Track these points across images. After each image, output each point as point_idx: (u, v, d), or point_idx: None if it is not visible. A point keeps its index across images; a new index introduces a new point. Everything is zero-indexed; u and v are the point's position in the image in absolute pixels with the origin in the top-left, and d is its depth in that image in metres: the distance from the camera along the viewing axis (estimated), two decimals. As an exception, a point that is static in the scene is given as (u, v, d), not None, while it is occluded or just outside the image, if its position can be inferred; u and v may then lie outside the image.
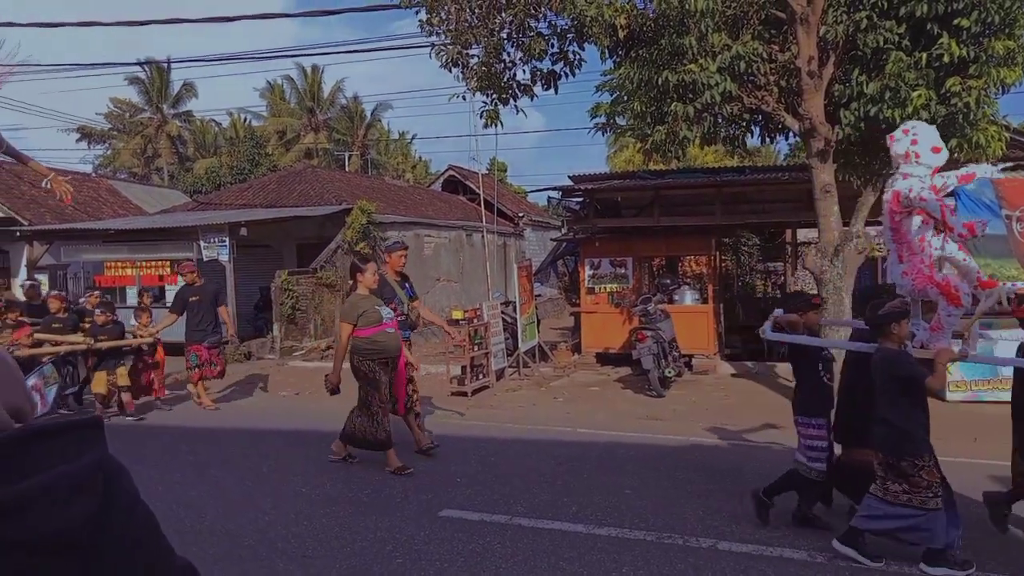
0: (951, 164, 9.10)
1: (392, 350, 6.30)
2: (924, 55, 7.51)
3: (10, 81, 7.37)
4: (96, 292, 11.38)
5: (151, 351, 9.25)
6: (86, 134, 39.54)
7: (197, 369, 9.44)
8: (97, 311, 9.12)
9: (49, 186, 7.73)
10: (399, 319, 6.68)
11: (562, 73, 9.61)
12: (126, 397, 8.88)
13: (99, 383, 8.78)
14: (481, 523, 5.00)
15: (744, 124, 9.60)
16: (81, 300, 11.16)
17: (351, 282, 6.41)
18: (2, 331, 8.56)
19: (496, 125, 9.93)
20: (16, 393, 0.96)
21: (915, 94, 7.40)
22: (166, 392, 9.73)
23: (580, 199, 13.84)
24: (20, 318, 8.88)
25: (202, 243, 13.94)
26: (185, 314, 9.46)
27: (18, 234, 16.38)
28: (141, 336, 9.11)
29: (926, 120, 7.53)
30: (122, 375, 8.87)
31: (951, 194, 8.77)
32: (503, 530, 4.85)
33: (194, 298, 9.44)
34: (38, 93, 59.75)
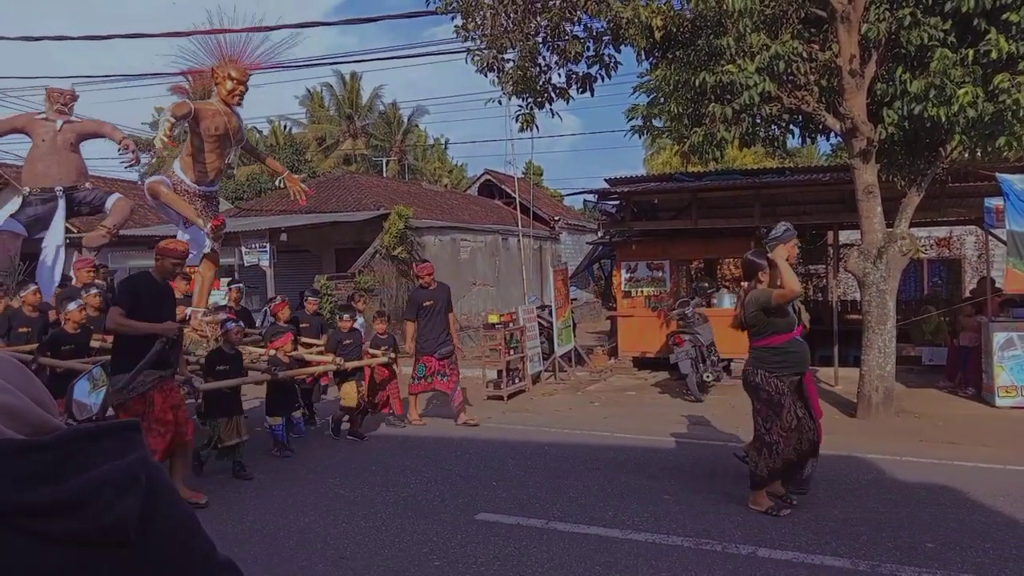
0: (1000, 162, 8.88)
1: (803, 364, 5.23)
2: (970, 51, 7.32)
3: (263, 71, 7.23)
4: (313, 296, 9.87)
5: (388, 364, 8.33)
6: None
7: (421, 381, 8.55)
8: (343, 316, 8.26)
9: (283, 184, 7.71)
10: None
11: (598, 76, 9.58)
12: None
13: (350, 395, 7.86)
14: (517, 527, 5.00)
15: (784, 125, 9.45)
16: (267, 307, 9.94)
17: (750, 282, 5.39)
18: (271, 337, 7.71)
19: (532, 129, 9.95)
20: (44, 396, 0.99)
21: (961, 91, 7.21)
22: (401, 408, 8.69)
23: (616, 202, 13.78)
24: (283, 324, 8.18)
25: (243, 249, 14.22)
26: (418, 321, 8.55)
27: (68, 241, 16.89)
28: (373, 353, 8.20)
29: (973, 118, 7.36)
30: (364, 387, 8.03)
31: (1000, 194, 8.55)
32: (539, 534, 4.85)
33: (428, 303, 8.53)
34: (90, 104, 61.60)
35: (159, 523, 0.91)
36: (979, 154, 8.35)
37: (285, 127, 41.08)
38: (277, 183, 7.52)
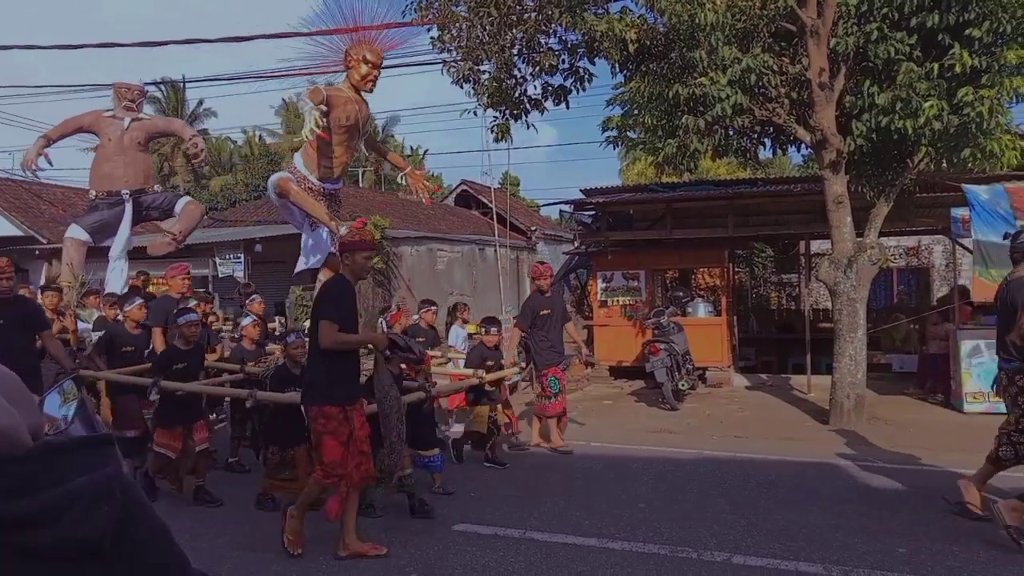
0: (965, 173, 9.09)
1: None
2: (936, 66, 7.50)
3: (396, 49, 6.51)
4: (399, 306, 8.93)
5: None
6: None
7: (559, 397, 7.41)
8: (490, 330, 7.08)
9: (406, 182, 6.95)
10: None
11: (573, 88, 9.67)
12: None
13: (481, 419, 6.89)
14: (495, 537, 4.99)
15: (755, 136, 9.60)
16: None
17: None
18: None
19: (507, 140, 10.00)
20: (34, 411, 0.99)
21: (927, 104, 7.39)
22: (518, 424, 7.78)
23: (592, 212, 13.86)
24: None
25: (217, 260, 14.10)
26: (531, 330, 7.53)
27: (37, 252, 16.61)
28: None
29: (938, 130, 7.53)
30: (499, 410, 7.11)
31: (966, 204, 8.74)
32: (517, 544, 4.85)
33: (545, 311, 7.47)
34: (59, 113, 60.71)
35: (134, 535, 0.91)
36: (945, 165, 8.56)
37: (260, 137, 40.77)
38: (400, 181, 6.99)
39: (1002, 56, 7.43)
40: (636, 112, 9.05)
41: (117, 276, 7.36)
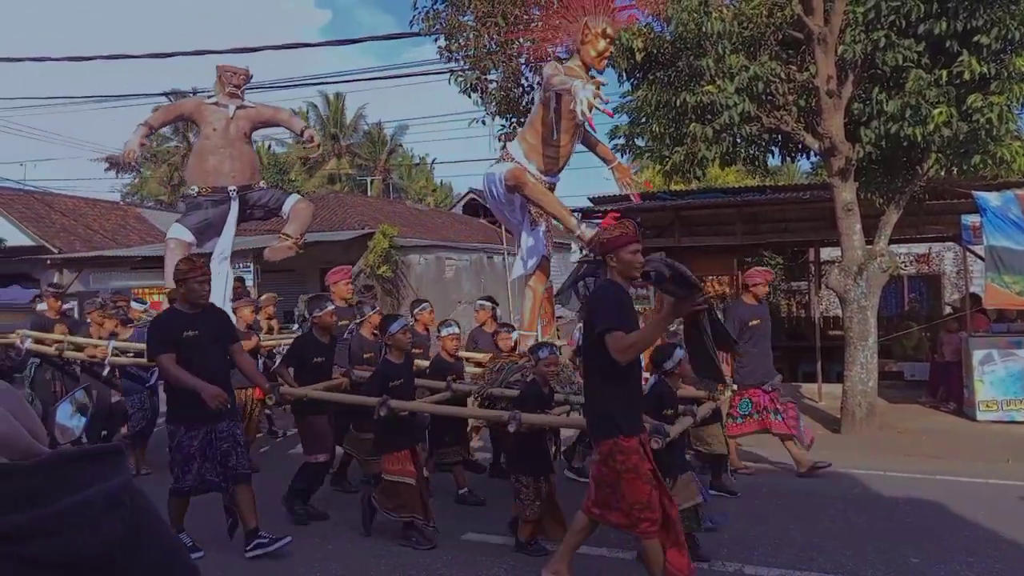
0: (975, 180, 9.04)
1: None
2: (944, 72, 7.48)
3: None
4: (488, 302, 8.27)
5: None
6: (114, 163, 40.37)
7: (746, 420, 6.62)
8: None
9: (614, 176, 6.21)
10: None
11: (580, 96, 9.67)
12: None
13: (720, 439, 6.11)
14: (504, 546, 4.97)
15: (764, 144, 9.58)
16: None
17: None
18: None
19: (516, 149, 10.01)
20: (35, 423, 0.99)
21: (936, 111, 7.36)
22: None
23: (600, 220, 13.83)
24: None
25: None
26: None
27: (48, 262, 16.73)
28: None
29: (948, 137, 7.50)
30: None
31: (977, 211, 8.68)
32: (527, 554, 4.82)
33: (754, 321, 6.69)
34: (71, 124, 61.28)
35: (143, 546, 0.91)
36: (955, 172, 8.51)
37: (268, 147, 41.00)
38: (608, 174, 6.33)
39: (1011, 63, 7.41)
40: (643, 120, 9.05)
41: (221, 282, 6.55)
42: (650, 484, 3.75)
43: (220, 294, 6.46)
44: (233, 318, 6.33)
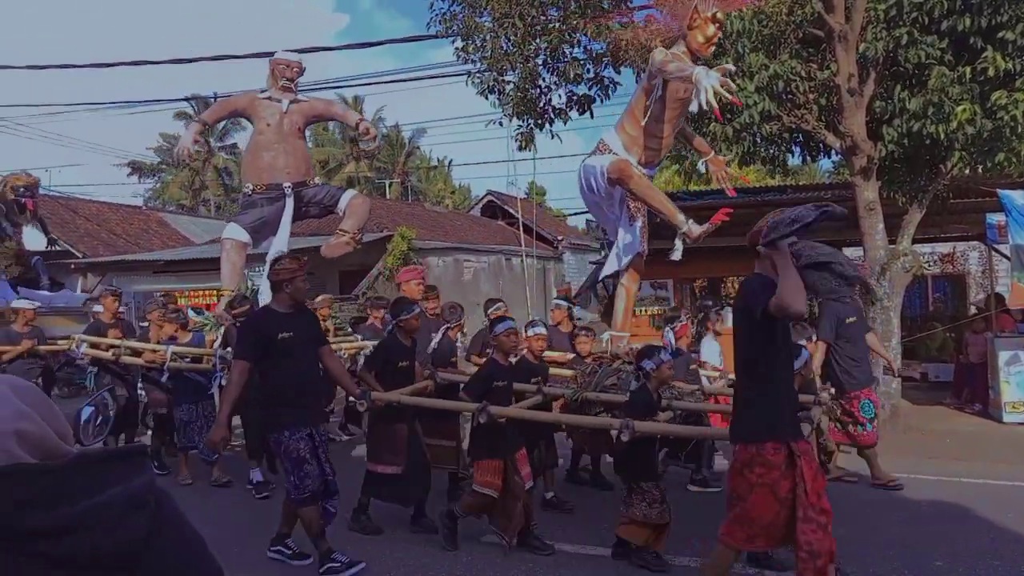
0: (1000, 178, 8.90)
1: None
2: (968, 69, 7.38)
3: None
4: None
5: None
6: (136, 168, 40.88)
7: (875, 424, 6.27)
8: None
9: (706, 168, 6.13)
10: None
11: (597, 96, 9.67)
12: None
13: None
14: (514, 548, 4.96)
15: (784, 143, 9.51)
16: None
17: None
18: None
19: (532, 149, 10.03)
20: (62, 423, 1.00)
21: (959, 109, 7.26)
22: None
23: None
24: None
25: (247, 271, 14.24)
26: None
27: (73, 266, 16.98)
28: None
29: (971, 135, 7.39)
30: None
31: (1002, 209, 8.55)
32: (546, 556, 4.81)
33: (851, 319, 6.34)
34: (93, 129, 62.13)
35: (166, 546, 0.92)
36: (979, 170, 8.39)
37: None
38: (699, 165, 6.22)
39: (1036, 58, 7.29)
40: (662, 120, 9.00)
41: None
42: (780, 504, 3.32)
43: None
44: None
